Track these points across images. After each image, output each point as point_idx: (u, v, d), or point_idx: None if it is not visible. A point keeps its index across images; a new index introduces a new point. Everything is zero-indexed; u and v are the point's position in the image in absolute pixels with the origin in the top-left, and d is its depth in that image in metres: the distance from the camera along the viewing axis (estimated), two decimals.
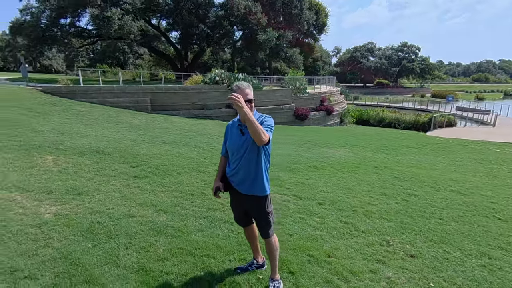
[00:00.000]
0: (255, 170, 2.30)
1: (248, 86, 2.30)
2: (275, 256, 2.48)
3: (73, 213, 3.50)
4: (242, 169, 2.32)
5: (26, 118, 9.13)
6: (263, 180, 2.34)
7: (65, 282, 2.31)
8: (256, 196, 2.36)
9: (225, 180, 2.50)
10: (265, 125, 2.22)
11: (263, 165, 2.33)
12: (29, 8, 20.82)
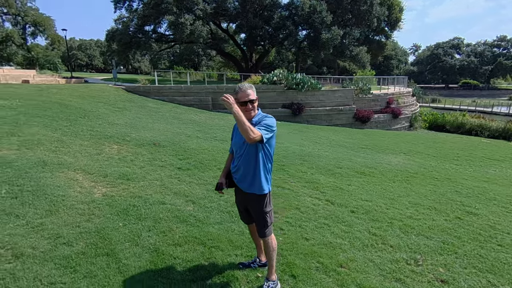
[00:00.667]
0: (253, 169, 2.35)
1: (251, 87, 2.35)
2: (271, 257, 2.48)
3: (118, 195, 4.04)
4: (242, 167, 2.38)
5: (108, 112, 10.71)
6: (261, 179, 2.36)
7: (91, 252, 2.72)
8: (254, 194, 2.39)
9: (230, 177, 2.59)
10: (262, 124, 2.24)
11: (262, 164, 2.35)
12: (122, 18, 24.31)
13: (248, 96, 2.27)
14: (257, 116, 2.36)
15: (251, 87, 2.34)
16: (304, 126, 14.48)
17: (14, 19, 34.41)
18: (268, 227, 2.43)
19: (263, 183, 2.36)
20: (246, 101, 2.26)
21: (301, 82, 14.97)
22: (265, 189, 2.38)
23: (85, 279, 2.37)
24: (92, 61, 76.69)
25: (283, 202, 4.43)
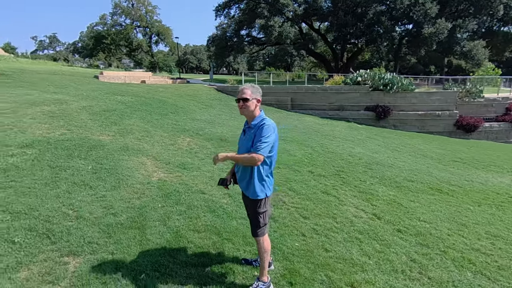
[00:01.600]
0: (249, 175, 2.40)
1: (251, 87, 2.39)
2: (263, 258, 2.47)
3: (169, 181, 4.65)
4: (241, 169, 2.46)
5: (195, 109, 12.15)
6: (255, 186, 2.38)
7: (127, 224, 3.27)
8: (249, 197, 2.44)
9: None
10: (258, 137, 2.27)
11: (256, 171, 2.37)
12: (221, 24, 26.96)
13: (242, 95, 2.34)
14: (257, 119, 2.38)
15: (251, 88, 2.39)
16: (388, 131, 13.05)
17: (144, 30, 42.21)
18: (261, 228, 2.44)
19: (257, 190, 2.38)
20: (239, 98, 2.34)
21: (390, 83, 13.49)
22: (259, 195, 2.39)
23: (113, 244, 2.90)
24: (200, 63, 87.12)
25: (320, 209, 4.23)
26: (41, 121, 6.45)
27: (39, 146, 5.08)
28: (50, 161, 4.60)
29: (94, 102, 9.28)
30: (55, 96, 9.29)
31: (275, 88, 15.78)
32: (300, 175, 5.68)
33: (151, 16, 41.28)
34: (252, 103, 2.36)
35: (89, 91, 11.55)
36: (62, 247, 2.77)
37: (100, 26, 39.60)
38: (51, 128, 6.16)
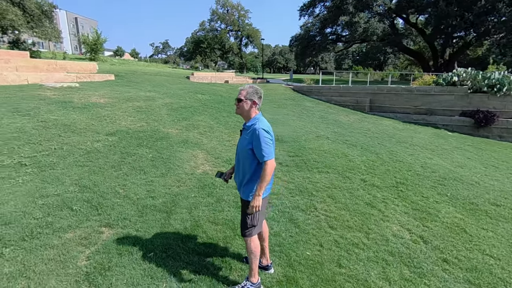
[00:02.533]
0: (245, 173, 2.40)
1: (249, 88, 2.42)
2: (251, 259, 2.46)
3: (211, 174, 4.98)
4: (237, 170, 2.49)
5: (265, 108, 12.49)
6: (248, 188, 2.39)
7: (159, 207, 3.69)
8: (241, 197, 2.46)
9: None
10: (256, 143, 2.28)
11: (252, 171, 2.36)
12: (306, 24, 26.72)
13: (238, 95, 2.37)
14: (251, 121, 2.39)
15: (248, 89, 2.41)
16: (487, 142, 10.65)
17: (236, 34, 45.29)
18: (248, 229, 2.42)
19: (249, 191, 2.38)
20: (236, 98, 2.38)
21: (498, 84, 10.92)
22: (251, 196, 2.38)
23: (141, 223, 3.33)
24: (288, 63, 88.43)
25: (355, 221, 3.87)
26: (129, 115, 7.75)
27: (119, 135, 6.15)
28: (123, 147, 5.53)
29: (176, 100, 10.56)
30: (148, 93, 10.96)
31: (353, 88, 14.81)
32: (348, 183, 5.26)
33: (243, 20, 43.99)
34: (246, 103, 2.37)
35: (176, 89, 13.19)
36: (103, 219, 3.35)
37: (202, 32, 44.32)
38: (134, 120, 7.35)
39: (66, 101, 7.93)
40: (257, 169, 2.36)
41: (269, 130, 2.37)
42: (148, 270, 2.62)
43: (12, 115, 6.26)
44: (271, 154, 2.29)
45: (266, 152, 2.26)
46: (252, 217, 2.41)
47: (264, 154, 2.26)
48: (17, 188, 3.77)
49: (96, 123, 6.62)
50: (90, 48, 32.67)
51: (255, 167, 2.36)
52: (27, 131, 5.57)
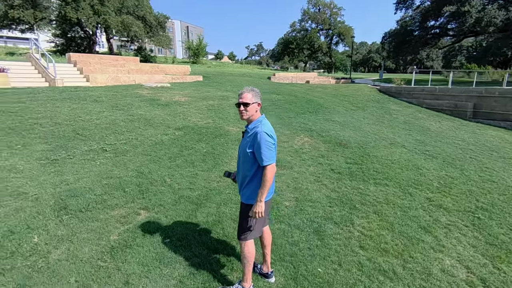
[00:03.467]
0: (246, 177, 2.35)
1: (251, 90, 2.35)
2: (244, 264, 2.41)
3: None
4: (238, 172, 2.47)
5: (341, 110, 11.80)
6: (248, 192, 2.34)
7: (193, 199, 3.97)
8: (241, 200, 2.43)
9: None
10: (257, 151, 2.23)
11: (253, 175, 2.31)
12: (404, 18, 23.74)
13: (241, 99, 2.32)
14: (254, 123, 2.32)
15: (251, 91, 2.34)
16: None
17: (326, 32, 44.00)
18: (245, 233, 2.37)
19: (250, 195, 2.34)
20: (239, 103, 2.33)
21: None
22: (251, 201, 2.32)
23: (171, 211, 3.66)
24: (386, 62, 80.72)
25: (395, 245, 3.32)
26: (200, 112, 8.52)
27: (185, 130, 6.84)
28: (183, 141, 6.14)
29: None
30: (224, 93, 11.79)
31: (452, 90, 12.50)
32: (407, 200, 4.53)
33: (335, 18, 42.31)
34: (253, 107, 2.31)
35: None
36: (144, 202, 3.82)
37: (294, 33, 44.79)
38: (203, 117, 8.05)
39: (154, 99, 9.26)
40: (257, 173, 2.30)
41: (272, 134, 2.29)
42: (159, 254, 2.87)
43: (111, 109, 7.70)
44: (272, 159, 2.22)
45: (266, 156, 2.19)
46: (249, 221, 2.36)
47: (264, 158, 2.19)
48: (94, 168, 4.65)
49: (170, 119, 7.53)
50: (193, 53, 37.04)
51: (255, 170, 2.30)
52: (117, 123, 6.77)
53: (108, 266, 2.68)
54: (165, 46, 32.93)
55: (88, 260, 2.73)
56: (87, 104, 7.88)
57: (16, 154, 4.77)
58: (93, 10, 23.38)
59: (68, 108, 7.35)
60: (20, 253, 2.73)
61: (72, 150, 5.18)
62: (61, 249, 2.86)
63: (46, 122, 6.28)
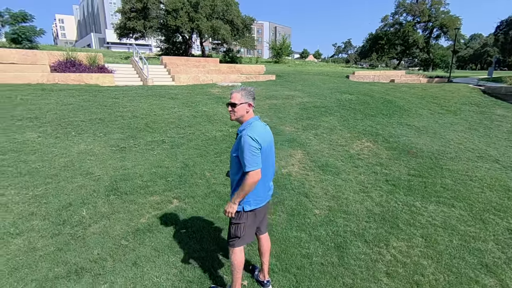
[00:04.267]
0: (233, 181, 2.29)
1: (242, 90, 2.25)
2: (231, 271, 2.33)
3: (294, 176, 4.84)
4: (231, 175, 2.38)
5: (424, 113, 10.29)
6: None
7: (223, 194, 4.08)
8: None
9: None
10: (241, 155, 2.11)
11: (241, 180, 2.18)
12: None
13: (230, 99, 2.24)
14: (243, 125, 2.22)
15: (241, 91, 2.23)
16: None
17: (425, 25, 38.75)
18: (232, 239, 2.29)
19: None
20: (227, 103, 2.27)
21: None
22: (239, 208, 2.24)
23: (199, 203, 3.83)
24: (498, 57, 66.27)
25: (434, 279, 2.72)
26: (261, 111, 8.65)
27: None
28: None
29: (314, 99, 10.64)
30: (291, 93, 11.66)
31: None
32: (476, 227, 3.64)
33: (437, 8, 36.82)
34: (242, 108, 2.20)
35: (324, 89, 13.20)
36: (179, 192, 4.11)
37: (387, 27, 41.12)
38: (261, 116, 8.14)
39: (221, 97, 9.84)
40: (242, 177, 2.20)
41: (258, 138, 2.10)
42: (172, 243, 3.06)
43: (182, 106, 8.53)
44: (254, 165, 2.06)
45: (249, 161, 2.05)
46: (236, 228, 2.27)
47: (247, 163, 2.05)
48: (150, 157, 5.25)
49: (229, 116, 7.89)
50: (276, 53, 37.85)
51: (241, 175, 2.18)
52: (182, 118, 7.46)
53: (128, 245, 3.00)
54: (249, 47, 34.49)
55: (114, 237, 3.11)
56: (164, 101, 8.92)
57: (96, 141, 5.77)
58: (189, 17, 26.25)
59: (148, 104, 8.47)
60: (69, 223, 3.31)
61: (138, 140, 5.96)
62: (99, 224, 3.33)
63: (127, 115, 7.39)
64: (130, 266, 2.72)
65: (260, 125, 2.23)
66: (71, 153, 5.13)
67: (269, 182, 2.37)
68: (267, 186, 2.33)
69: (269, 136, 2.29)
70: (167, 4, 26.39)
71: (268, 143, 2.22)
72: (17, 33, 20.73)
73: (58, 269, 2.63)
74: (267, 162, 2.25)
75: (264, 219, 2.49)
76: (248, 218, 2.28)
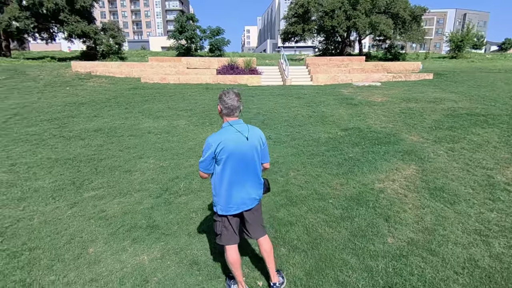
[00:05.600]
0: None
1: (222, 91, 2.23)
2: (228, 267, 2.40)
3: (385, 192, 4.09)
4: None
5: None
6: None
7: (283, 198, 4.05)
8: None
9: None
10: None
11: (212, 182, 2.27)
12: None
13: None
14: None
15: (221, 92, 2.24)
16: None
17: None
18: (217, 235, 2.37)
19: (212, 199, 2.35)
20: None
21: None
22: (214, 208, 2.30)
23: (268, 200, 3.99)
24: None
25: None
26: (387, 115, 7.59)
27: (350, 131, 6.53)
28: (338, 142, 5.96)
29: (476, 105, 8.25)
30: (445, 95, 9.45)
31: None
32: None
33: None
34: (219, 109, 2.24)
35: (502, 92, 9.91)
36: None
37: None
38: (384, 121, 7.16)
39: (348, 98, 9.32)
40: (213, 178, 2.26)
41: (213, 142, 2.08)
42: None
43: (303, 105, 8.76)
44: (200, 165, 2.17)
45: (200, 160, 2.18)
46: (214, 224, 2.38)
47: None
48: None
49: (346, 118, 7.41)
50: (455, 45, 31.14)
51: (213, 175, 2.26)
52: (297, 117, 7.69)
53: (193, 218, 3.60)
54: (416, 41, 30.07)
55: (188, 209, 3.79)
56: (289, 100, 9.44)
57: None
58: (346, 16, 25.74)
59: (274, 102, 9.22)
60: (169, 191, 4.29)
61: None
62: (187, 196, 4.13)
63: (252, 111, 8.36)
64: (185, 235, 3.28)
65: (230, 131, 2.15)
66: (198, 138, 6.45)
67: (249, 190, 2.26)
68: (243, 194, 2.23)
69: (242, 143, 2.14)
70: (326, 5, 26.85)
71: (236, 149, 2.12)
72: (212, 44, 27.03)
73: (142, 222, 3.54)
74: (239, 169, 2.17)
75: (253, 226, 2.39)
76: (223, 219, 2.30)
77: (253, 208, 2.34)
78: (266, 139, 2.36)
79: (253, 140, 2.20)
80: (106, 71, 14.33)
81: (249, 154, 2.18)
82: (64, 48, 43.94)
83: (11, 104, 9.23)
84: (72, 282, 2.60)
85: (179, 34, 27.20)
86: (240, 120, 2.22)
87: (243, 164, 2.18)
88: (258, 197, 2.34)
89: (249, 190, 2.25)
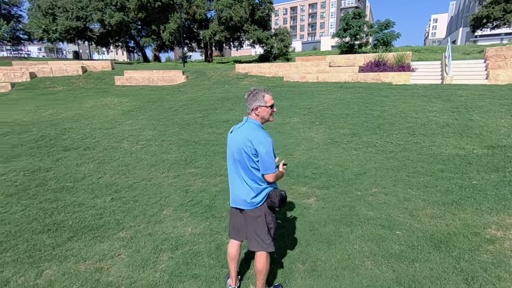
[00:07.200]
0: None
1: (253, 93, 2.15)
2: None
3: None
4: None
5: None
6: None
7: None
8: None
9: None
10: None
11: None
12: None
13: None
14: None
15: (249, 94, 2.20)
16: None
17: None
18: None
19: None
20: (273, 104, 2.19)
21: None
22: None
23: (336, 200, 3.64)
24: None
25: None
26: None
27: (497, 150, 4.63)
28: (474, 162, 4.41)
29: None
30: None
31: None
32: None
33: None
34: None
35: None
36: (322, 192, 4.07)
37: None
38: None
39: None
40: None
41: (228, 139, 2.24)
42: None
43: (445, 110, 6.95)
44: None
45: None
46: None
47: None
48: (343, 155, 5.30)
49: (506, 132, 5.31)
50: None
51: None
52: (427, 124, 6.22)
53: None
54: None
55: None
56: (432, 102, 7.66)
57: (322, 131, 6.63)
58: None
59: (408, 104, 7.76)
60: None
61: (354, 138, 6.04)
62: None
63: (374, 113, 7.40)
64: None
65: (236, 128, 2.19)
66: (300, 137, 6.50)
67: (236, 191, 2.17)
68: (235, 190, 2.19)
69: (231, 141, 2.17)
70: None
71: (228, 146, 2.19)
72: (378, 39, 25.18)
73: (206, 201, 4.08)
74: (229, 166, 2.22)
75: (248, 233, 2.23)
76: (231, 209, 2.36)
77: (246, 210, 2.17)
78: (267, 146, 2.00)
79: (236, 140, 2.10)
80: (259, 72, 16.36)
81: (236, 154, 2.10)
82: (253, 53, 53.26)
83: (187, 97, 12.36)
84: (138, 231, 3.45)
85: (343, 32, 27.02)
86: (246, 117, 2.17)
87: (231, 162, 2.19)
88: (250, 202, 2.11)
89: (236, 190, 2.18)
